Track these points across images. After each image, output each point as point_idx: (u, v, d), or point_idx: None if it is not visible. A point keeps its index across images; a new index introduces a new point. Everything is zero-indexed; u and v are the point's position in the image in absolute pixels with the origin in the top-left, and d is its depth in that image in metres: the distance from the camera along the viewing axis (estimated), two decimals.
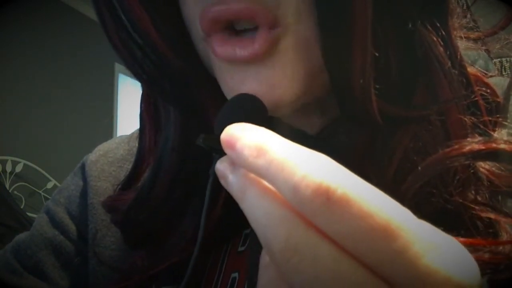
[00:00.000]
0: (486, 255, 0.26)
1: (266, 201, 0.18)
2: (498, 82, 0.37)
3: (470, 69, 0.33)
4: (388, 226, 0.16)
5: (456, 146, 0.29)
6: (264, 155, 0.18)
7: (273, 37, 0.28)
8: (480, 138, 0.29)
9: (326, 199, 0.16)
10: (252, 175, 0.19)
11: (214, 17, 0.28)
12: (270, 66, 0.28)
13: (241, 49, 0.28)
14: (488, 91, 0.33)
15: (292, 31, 0.28)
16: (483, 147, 0.28)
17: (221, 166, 0.21)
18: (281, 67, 0.29)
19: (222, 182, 0.22)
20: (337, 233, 0.17)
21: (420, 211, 0.29)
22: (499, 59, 0.55)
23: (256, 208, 0.19)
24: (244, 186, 0.19)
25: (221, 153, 0.21)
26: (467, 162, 0.29)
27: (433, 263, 0.16)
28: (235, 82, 0.29)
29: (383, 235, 0.16)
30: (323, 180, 0.17)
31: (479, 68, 0.35)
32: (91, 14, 2.75)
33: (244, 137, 0.20)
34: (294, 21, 0.28)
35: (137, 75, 0.33)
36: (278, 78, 0.29)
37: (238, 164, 0.20)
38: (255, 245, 0.34)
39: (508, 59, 0.56)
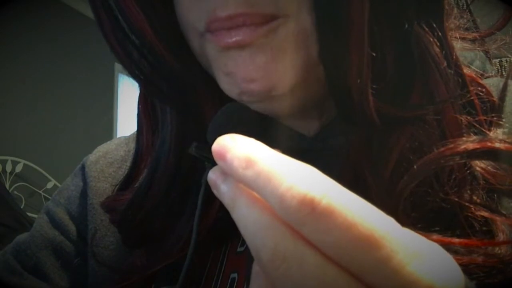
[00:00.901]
0: (480, 258, 0.27)
1: (255, 211, 0.19)
2: (496, 83, 0.37)
3: (466, 70, 0.33)
4: (372, 236, 0.16)
5: (451, 146, 0.29)
6: (252, 167, 0.19)
7: (270, 26, 0.28)
8: (475, 137, 0.29)
9: (311, 210, 0.17)
10: (243, 185, 0.20)
11: (221, 24, 0.29)
12: (265, 52, 0.29)
13: (237, 33, 0.29)
14: (483, 91, 0.34)
15: (292, 21, 0.28)
16: (478, 146, 0.29)
17: (213, 175, 0.22)
18: (277, 54, 0.29)
19: (214, 191, 0.22)
20: (322, 243, 0.17)
21: (416, 210, 0.29)
22: (498, 60, 0.55)
23: (246, 217, 0.19)
24: (235, 196, 0.20)
25: (213, 162, 0.21)
26: (462, 161, 0.29)
27: (416, 271, 0.16)
28: (230, 68, 0.30)
29: (367, 245, 0.16)
30: (308, 191, 0.17)
31: (475, 69, 0.35)
32: (91, 14, 2.74)
33: (234, 148, 0.20)
34: (293, 15, 0.28)
35: (134, 76, 0.33)
36: (273, 64, 0.29)
37: (229, 174, 0.20)
38: None
39: (507, 59, 0.56)
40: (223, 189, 0.21)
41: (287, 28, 0.28)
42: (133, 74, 0.33)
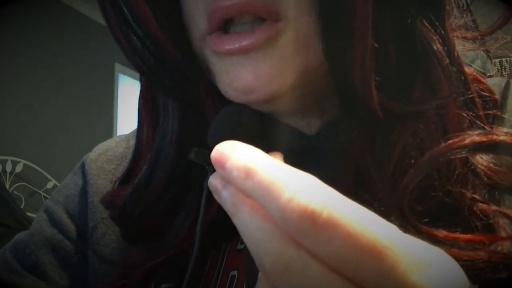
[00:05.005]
0: (485, 254, 0.27)
1: (257, 218, 0.19)
2: (497, 83, 0.37)
3: (467, 69, 0.33)
4: (375, 246, 0.16)
5: (457, 139, 0.29)
6: (251, 178, 0.19)
7: (273, 30, 0.28)
8: (480, 131, 0.29)
9: (312, 222, 0.16)
10: None
11: (223, 14, 0.29)
12: (268, 59, 0.29)
13: (241, 40, 0.29)
14: (485, 89, 0.34)
15: (293, 26, 0.29)
16: (485, 139, 0.29)
17: (214, 181, 0.22)
18: (279, 61, 0.29)
19: (216, 196, 0.22)
20: (324, 255, 0.17)
21: (421, 205, 0.29)
22: (499, 59, 0.55)
23: (248, 224, 0.19)
24: (237, 202, 0.20)
25: (213, 166, 0.21)
26: (468, 154, 0.29)
27: (420, 280, 0.16)
28: (231, 78, 0.30)
29: (370, 255, 0.16)
30: (308, 203, 0.17)
31: (476, 68, 0.35)
32: (91, 14, 2.75)
33: (233, 157, 0.20)
34: (295, 15, 0.29)
35: (137, 67, 0.33)
36: (275, 71, 0.29)
37: (229, 182, 0.20)
38: None
39: (508, 59, 0.56)
40: (224, 195, 0.21)
41: (288, 34, 0.29)
42: (137, 66, 0.33)
